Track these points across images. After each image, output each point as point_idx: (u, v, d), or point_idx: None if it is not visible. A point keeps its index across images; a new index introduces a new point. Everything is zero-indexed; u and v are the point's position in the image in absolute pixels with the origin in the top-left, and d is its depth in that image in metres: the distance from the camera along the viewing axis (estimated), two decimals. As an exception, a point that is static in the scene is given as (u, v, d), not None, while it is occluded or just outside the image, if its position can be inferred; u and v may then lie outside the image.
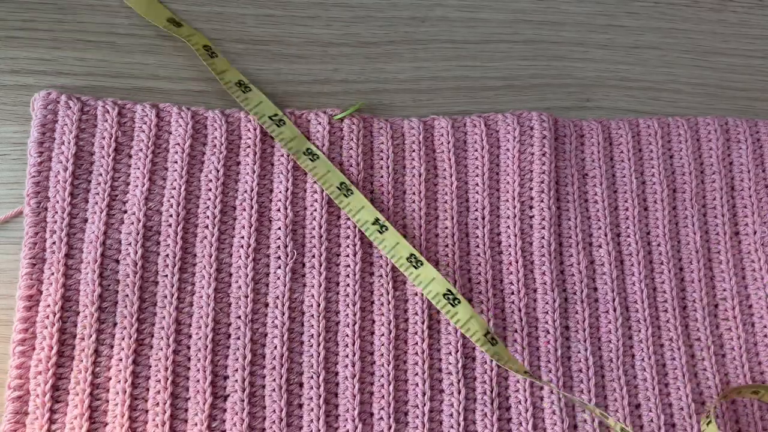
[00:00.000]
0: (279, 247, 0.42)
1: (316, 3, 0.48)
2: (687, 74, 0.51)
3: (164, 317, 0.40)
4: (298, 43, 0.47)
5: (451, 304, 0.40)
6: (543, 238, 0.44)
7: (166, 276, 0.41)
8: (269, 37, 0.47)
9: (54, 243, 0.40)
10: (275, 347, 0.40)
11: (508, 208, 0.45)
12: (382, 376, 0.41)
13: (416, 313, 0.42)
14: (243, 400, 0.39)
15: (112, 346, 0.39)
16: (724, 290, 0.45)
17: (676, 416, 0.42)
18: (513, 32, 0.50)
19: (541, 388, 0.41)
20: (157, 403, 0.39)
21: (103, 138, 0.42)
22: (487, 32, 0.50)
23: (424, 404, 0.41)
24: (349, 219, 0.43)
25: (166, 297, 0.40)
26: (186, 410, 0.39)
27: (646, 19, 0.51)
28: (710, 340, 0.44)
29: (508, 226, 0.44)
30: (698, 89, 0.50)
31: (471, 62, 0.49)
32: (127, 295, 0.40)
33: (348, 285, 0.42)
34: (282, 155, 0.44)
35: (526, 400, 0.41)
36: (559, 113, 0.48)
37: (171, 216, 0.42)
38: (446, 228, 0.44)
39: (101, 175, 0.42)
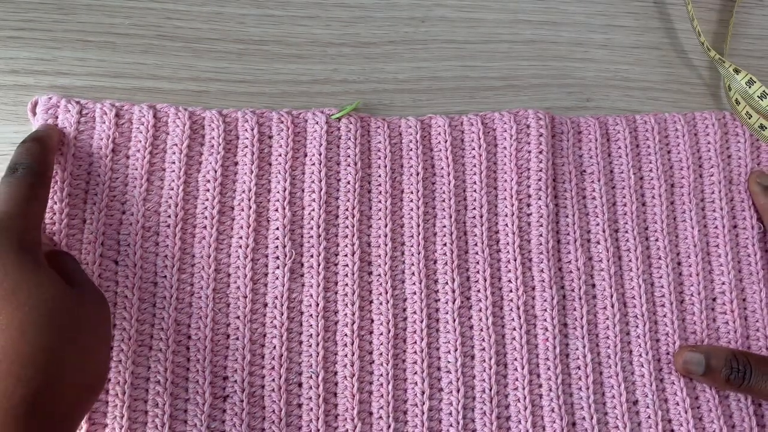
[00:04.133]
0: (277, 247, 0.41)
1: (316, 3, 0.47)
2: (687, 74, 0.49)
3: (163, 318, 0.39)
4: (298, 43, 0.46)
5: None
6: (541, 235, 0.43)
7: (165, 277, 0.39)
8: (269, 37, 0.46)
9: (54, 245, 0.39)
10: (274, 347, 0.39)
11: (505, 206, 0.43)
12: (381, 375, 0.40)
13: (415, 312, 0.41)
14: (242, 401, 0.38)
15: (111, 347, 0.38)
16: (723, 284, 0.44)
17: (672, 411, 0.41)
18: (513, 32, 0.48)
19: (540, 386, 0.40)
20: (157, 404, 0.37)
21: (101, 139, 0.41)
22: (487, 32, 0.48)
23: (423, 403, 0.39)
24: (347, 218, 0.41)
25: (165, 298, 0.39)
26: (185, 410, 0.38)
27: (646, 19, 0.50)
28: (705, 333, 0.43)
29: (506, 224, 0.43)
30: (698, 89, 0.49)
31: (471, 62, 0.47)
32: (126, 296, 0.39)
33: (346, 284, 0.41)
34: (280, 155, 0.42)
35: (525, 398, 0.40)
36: (559, 113, 0.46)
37: (169, 216, 0.40)
38: (444, 227, 0.42)
39: (99, 176, 0.40)
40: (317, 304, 0.40)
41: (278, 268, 0.40)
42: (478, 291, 0.42)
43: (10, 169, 0.35)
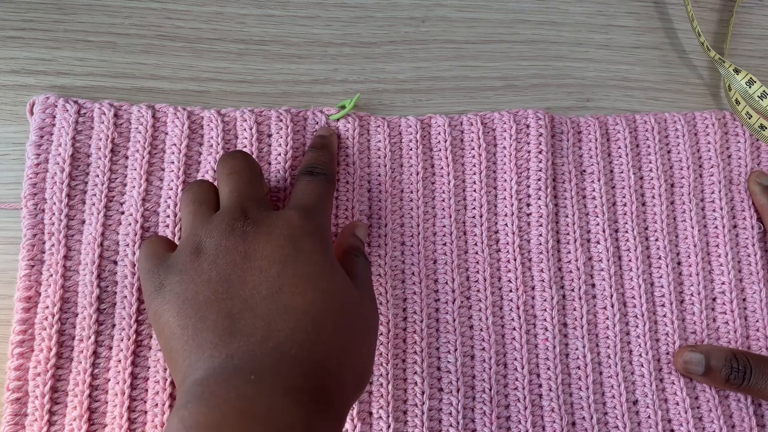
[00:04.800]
0: (278, 247, 0.40)
1: (316, 3, 0.46)
2: (687, 74, 0.49)
3: (163, 318, 0.38)
4: (298, 43, 0.45)
5: None
6: (541, 235, 0.42)
7: (165, 277, 0.39)
8: (269, 37, 0.45)
9: (53, 245, 0.38)
10: (274, 347, 0.39)
11: (505, 206, 0.43)
12: (381, 375, 0.39)
13: (415, 312, 0.40)
14: (242, 400, 0.38)
15: (110, 348, 0.38)
16: (723, 284, 0.43)
17: (671, 411, 0.40)
18: (513, 32, 0.48)
19: (540, 386, 0.40)
20: (156, 404, 0.37)
21: (100, 139, 0.40)
22: (487, 32, 0.48)
23: (423, 403, 0.39)
24: (347, 218, 0.41)
25: (165, 297, 0.39)
26: (186, 411, 0.37)
27: (646, 19, 0.49)
28: (705, 333, 0.42)
29: (506, 224, 0.43)
30: (698, 89, 0.48)
31: (471, 62, 0.47)
32: (126, 296, 0.38)
33: (347, 284, 0.40)
34: (279, 154, 0.42)
35: (525, 398, 0.40)
36: (559, 113, 0.46)
37: (168, 217, 0.40)
38: (444, 226, 0.42)
39: (98, 176, 0.40)
40: (317, 304, 0.40)
41: (278, 268, 0.40)
42: (478, 291, 0.41)
43: (306, 170, 0.38)
